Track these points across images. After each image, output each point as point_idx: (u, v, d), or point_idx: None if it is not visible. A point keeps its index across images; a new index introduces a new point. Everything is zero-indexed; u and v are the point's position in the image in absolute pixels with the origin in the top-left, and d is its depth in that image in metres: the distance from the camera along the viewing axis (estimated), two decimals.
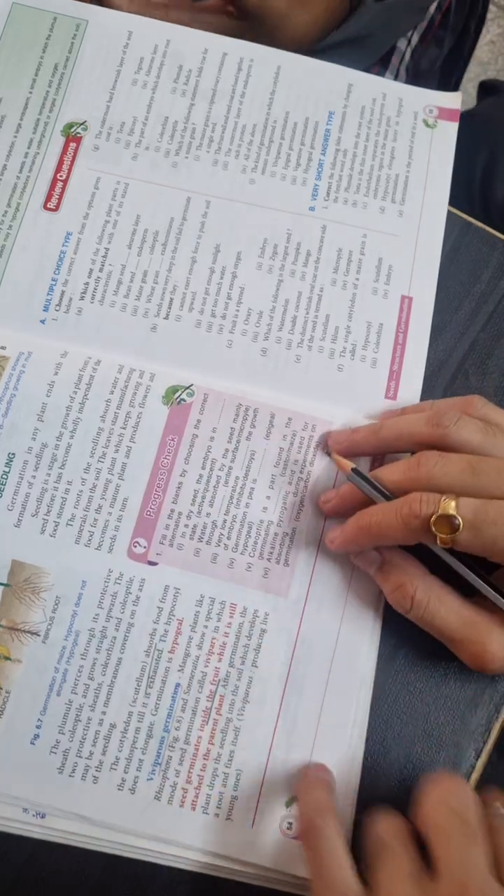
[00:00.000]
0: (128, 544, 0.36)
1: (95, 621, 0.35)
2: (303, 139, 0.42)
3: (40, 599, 0.35)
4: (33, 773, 0.33)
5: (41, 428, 0.37)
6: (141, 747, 0.34)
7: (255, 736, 0.34)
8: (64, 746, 0.34)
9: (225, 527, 0.36)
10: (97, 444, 0.37)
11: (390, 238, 0.41)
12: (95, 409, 0.37)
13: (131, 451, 0.37)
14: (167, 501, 0.36)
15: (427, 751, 0.35)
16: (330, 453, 0.37)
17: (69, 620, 0.35)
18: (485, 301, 0.42)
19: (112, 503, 0.36)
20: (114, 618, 0.35)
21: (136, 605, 0.35)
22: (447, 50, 0.64)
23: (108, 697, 0.34)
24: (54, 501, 0.36)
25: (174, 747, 0.34)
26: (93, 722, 0.34)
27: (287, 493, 0.37)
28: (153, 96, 0.42)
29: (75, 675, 0.34)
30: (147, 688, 0.34)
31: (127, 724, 0.34)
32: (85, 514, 0.36)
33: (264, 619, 0.35)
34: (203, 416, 0.37)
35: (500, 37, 1.28)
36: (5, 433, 0.37)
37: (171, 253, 0.40)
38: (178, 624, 0.35)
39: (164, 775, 0.34)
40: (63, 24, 0.43)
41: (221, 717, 0.34)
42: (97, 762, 0.34)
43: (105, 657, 0.35)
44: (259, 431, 0.37)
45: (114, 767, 0.34)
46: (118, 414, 0.37)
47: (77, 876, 0.34)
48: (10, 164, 0.41)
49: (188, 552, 0.36)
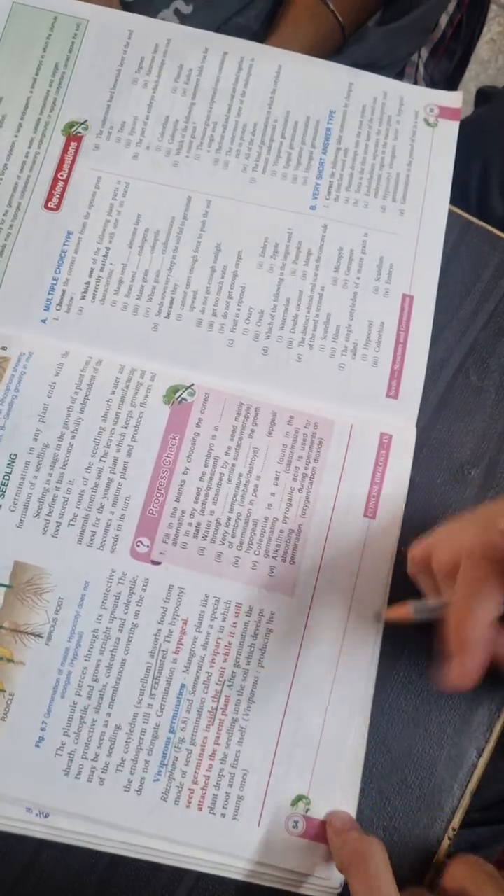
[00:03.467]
0: (130, 544, 0.36)
1: (99, 622, 0.35)
2: (303, 138, 0.42)
3: (43, 601, 0.35)
4: (39, 775, 0.33)
5: (42, 429, 0.37)
6: (147, 748, 0.34)
7: (261, 736, 0.34)
8: (69, 748, 0.34)
9: (229, 525, 0.36)
10: (98, 444, 0.37)
11: (391, 237, 0.41)
12: (96, 408, 0.37)
13: (133, 450, 0.37)
14: (170, 500, 0.36)
15: (428, 749, 0.35)
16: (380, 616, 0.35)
17: (72, 622, 0.35)
18: (486, 300, 0.42)
19: (114, 502, 0.36)
20: (117, 618, 0.35)
21: (140, 605, 0.35)
22: (456, 60, 0.64)
23: (113, 699, 0.34)
24: (56, 502, 0.36)
25: (180, 748, 0.34)
26: (98, 724, 0.34)
27: (292, 489, 0.37)
28: (154, 95, 0.42)
29: (79, 677, 0.34)
30: (152, 689, 0.34)
31: (132, 726, 0.34)
32: (87, 513, 0.36)
33: (270, 619, 0.35)
34: (204, 415, 0.37)
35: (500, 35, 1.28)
36: (7, 434, 0.37)
37: (172, 252, 0.40)
38: (183, 624, 0.35)
39: (170, 776, 0.34)
40: (64, 24, 0.43)
41: (227, 717, 0.34)
42: (103, 764, 0.34)
43: (109, 658, 0.35)
44: (261, 429, 0.37)
45: (120, 769, 0.34)
46: (119, 414, 0.37)
47: (80, 875, 0.34)
48: (10, 164, 0.41)
49: (192, 551, 0.36)
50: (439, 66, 0.64)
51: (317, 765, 0.34)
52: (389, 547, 0.36)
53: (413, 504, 0.38)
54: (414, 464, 0.38)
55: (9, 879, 0.34)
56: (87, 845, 0.33)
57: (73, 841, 0.33)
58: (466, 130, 0.45)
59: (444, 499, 0.39)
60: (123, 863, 0.34)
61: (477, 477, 0.39)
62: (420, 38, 0.60)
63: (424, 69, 0.63)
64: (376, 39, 0.53)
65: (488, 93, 0.66)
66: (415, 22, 0.56)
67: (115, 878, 0.34)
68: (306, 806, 0.34)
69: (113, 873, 0.34)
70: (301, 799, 0.34)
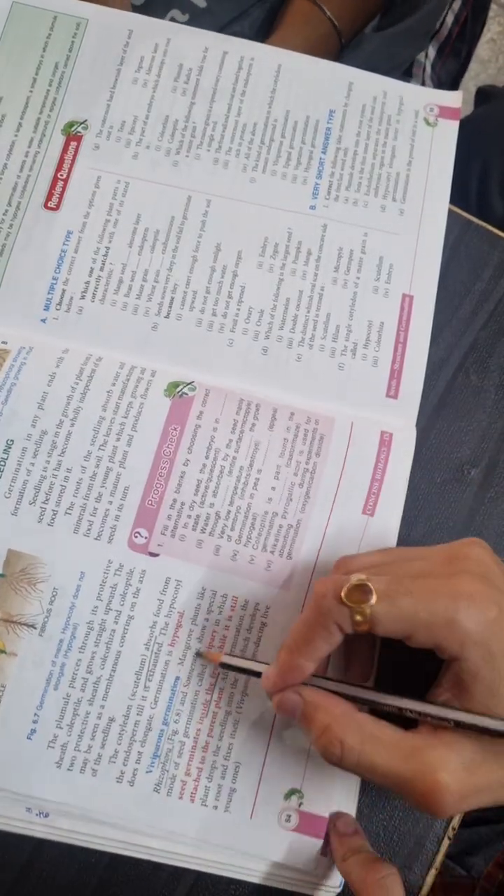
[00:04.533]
0: (128, 534, 0.36)
1: (94, 613, 0.35)
2: (303, 138, 0.42)
3: (37, 591, 0.35)
4: (31, 767, 0.33)
5: (41, 415, 0.36)
6: (140, 740, 0.34)
7: (254, 729, 0.34)
8: (62, 741, 0.34)
9: (229, 518, 0.36)
10: (98, 433, 0.36)
11: (391, 236, 0.41)
12: (97, 398, 0.37)
13: (133, 439, 0.36)
14: (169, 491, 0.36)
15: None
16: (201, 653, 0.34)
17: (67, 612, 0.35)
18: (486, 299, 0.42)
19: (112, 492, 0.36)
20: (113, 610, 0.35)
21: (136, 597, 0.35)
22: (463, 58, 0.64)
23: (107, 691, 0.34)
24: (53, 489, 0.36)
25: (173, 740, 0.34)
26: (91, 716, 0.34)
27: (293, 483, 0.37)
28: (154, 95, 0.42)
29: (73, 669, 0.34)
30: (146, 681, 0.34)
31: (126, 718, 0.34)
32: (84, 502, 0.36)
33: (265, 613, 0.35)
34: (206, 408, 0.37)
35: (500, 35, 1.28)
36: (4, 420, 0.36)
37: (172, 252, 0.40)
38: (179, 616, 0.35)
39: (163, 768, 0.34)
40: (63, 23, 0.43)
41: (221, 709, 0.34)
42: (96, 755, 0.34)
43: (104, 650, 0.34)
44: (263, 423, 0.37)
45: (113, 760, 0.34)
46: (119, 404, 0.37)
47: (80, 875, 0.34)
48: (10, 163, 0.41)
49: (190, 543, 0.36)
50: (446, 65, 0.64)
51: (310, 759, 0.34)
52: (387, 545, 0.36)
53: (412, 503, 0.38)
54: (413, 463, 0.38)
55: (9, 879, 0.34)
56: (85, 844, 0.33)
57: (73, 840, 0.33)
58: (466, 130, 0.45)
59: (444, 498, 0.39)
60: (123, 863, 0.34)
61: (476, 476, 0.39)
62: (419, 43, 0.60)
63: (432, 69, 0.64)
64: (374, 46, 0.53)
65: (488, 92, 0.66)
66: (412, 27, 0.56)
67: (115, 877, 0.34)
68: (299, 800, 0.34)
69: (113, 873, 0.34)
70: (294, 793, 0.34)
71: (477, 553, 0.30)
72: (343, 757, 0.28)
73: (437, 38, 0.64)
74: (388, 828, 0.35)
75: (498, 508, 0.39)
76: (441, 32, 0.64)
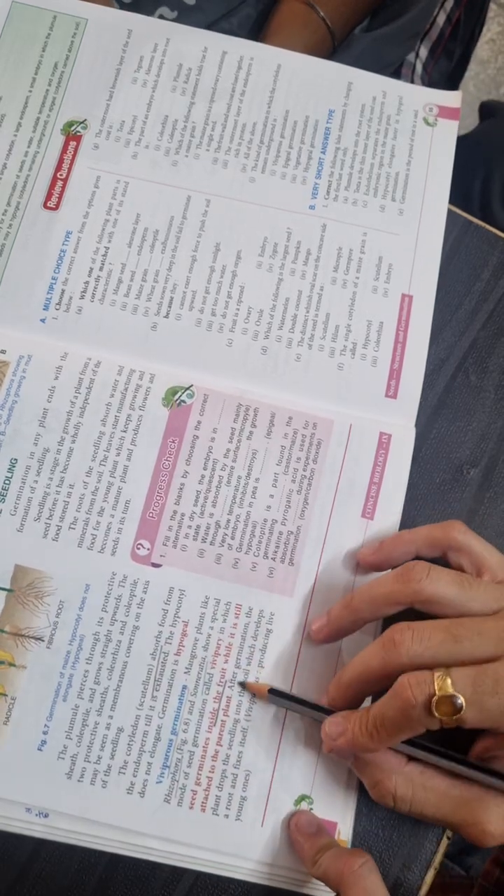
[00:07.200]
0: (131, 546, 0.36)
1: (100, 625, 0.35)
2: (303, 137, 0.42)
3: (44, 604, 0.35)
4: (42, 779, 0.33)
5: (43, 433, 0.37)
6: (149, 750, 0.34)
7: (263, 736, 0.34)
8: (72, 752, 0.34)
9: (229, 527, 0.36)
10: (98, 448, 0.37)
11: (390, 236, 0.41)
12: (96, 412, 0.37)
13: (132, 453, 0.37)
14: (170, 503, 0.36)
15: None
16: (244, 684, 0.35)
17: (73, 625, 0.35)
18: (485, 299, 0.42)
19: (114, 506, 0.36)
20: (118, 621, 0.35)
21: (141, 607, 0.35)
22: (456, 59, 0.64)
23: (115, 701, 0.34)
24: (56, 505, 0.36)
25: (182, 750, 0.34)
26: (100, 726, 0.34)
27: (291, 490, 0.37)
28: (153, 95, 0.42)
29: (81, 680, 0.34)
30: (154, 691, 0.34)
31: (134, 728, 0.34)
32: (87, 517, 0.36)
33: (270, 620, 0.35)
34: (203, 417, 0.37)
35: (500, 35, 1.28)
36: (7, 439, 0.37)
37: (172, 252, 0.40)
38: (184, 626, 0.35)
39: (173, 778, 0.34)
40: (63, 23, 0.43)
41: (229, 718, 0.34)
42: (105, 766, 0.34)
43: (111, 661, 0.35)
44: (260, 431, 0.37)
45: (122, 771, 0.34)
46: (118, 417, 0.37)
47: (79, 875, 0.34)
48: (9, 163, 0.41)
49: (192, 553, 0.36)
50: (438, 65, 0.64)
51: (319, 764, 0.34)
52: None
53: (411, 504, 0.38)
54: (413, 464, 0.38)
55: (8, 879, 0.34)
56: (87, 845, 0.33)
57: (73, 841, 0.33)
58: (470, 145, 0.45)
59: (443, 499, 0.39)
60: (123, 863, 0.34)
61: (476, 477, 0.39)
62: (407, 45, 0.60)
63: (423, 69, 0.63)
64: (363, 46, 0.53)
65: (492, 107, 0.67)
66: (402, 28, 0.56)
67: (115, 877, 0.34)
68: (309, 805, 0.34)
69: (113, 873, 0.34)
70: (304, 798, 0.34)
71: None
72: (396, 807, 0.31)
73: (429, 37, 0.64)
74: (388, 827, 0.35)
75: (497, 508, 0.39)
76: (432, 32, 0.64)
